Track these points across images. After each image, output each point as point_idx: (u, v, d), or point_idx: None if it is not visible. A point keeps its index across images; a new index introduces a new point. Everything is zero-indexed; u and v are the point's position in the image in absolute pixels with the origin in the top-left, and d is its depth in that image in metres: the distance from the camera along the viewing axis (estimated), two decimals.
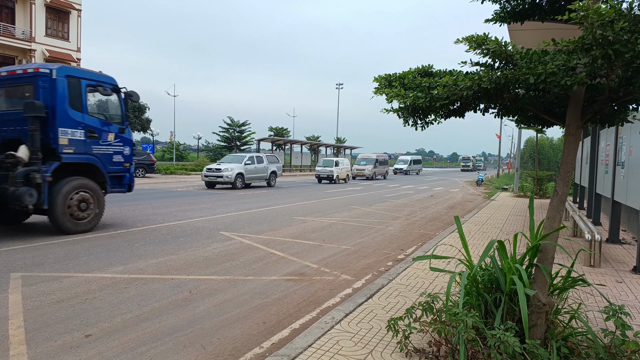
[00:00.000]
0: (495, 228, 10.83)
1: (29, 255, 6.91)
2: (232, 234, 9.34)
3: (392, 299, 5.13)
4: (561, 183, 3.80)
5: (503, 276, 3.74)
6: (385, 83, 4.14)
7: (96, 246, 7.72)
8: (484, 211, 14.86)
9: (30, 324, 4.30)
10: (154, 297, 5.23)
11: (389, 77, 4.20)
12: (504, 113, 4.65)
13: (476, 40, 3.61)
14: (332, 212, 13.90)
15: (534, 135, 32.63)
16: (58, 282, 5.64)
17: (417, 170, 59.57)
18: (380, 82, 4.16)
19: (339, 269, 6.81)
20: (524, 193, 23.15)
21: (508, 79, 3.50)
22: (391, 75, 4.23)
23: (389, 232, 10.50)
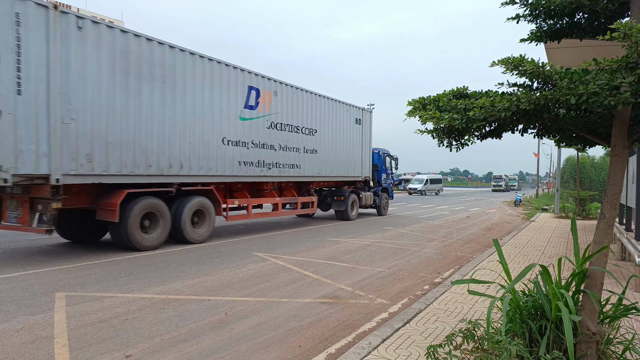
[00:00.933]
0: (536, 251, 10.44)
1: (72, 275, 7.16)
2: (265, 254, 9.40)
3: (430, 324, 5.00)
4: (608, 206, 3.65)
5: (548, 302, 3.59)
6: (419, 106, 4.13)
7: (135, 267, 7.93)
8: (523, 233, 14.38)
9: (74, 343, 4.43)
10: (191, 318, 5.30)
11: (423, 101, 4.19)
12: (544, 133, 4.54)
13: (512, 62, 3.57)
14: (365, 233, 13.78)
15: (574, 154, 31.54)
16: (100, 302, 5.81)
17: (436, 190, 54.03)
18: (414, 105, 4.16)
19: (374, 292, 6.71)
20: (566, 214, 22.27)
21: (548, 100, 3.43)
22: (425, 98, 4.22)
23: (424, 254, 10.29)
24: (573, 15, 4.34)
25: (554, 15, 4.27)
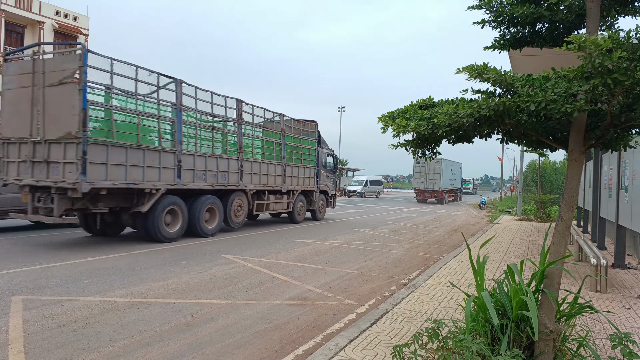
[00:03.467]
0: (499, 252, 10.76)
1: (30, 278, 6.88)
2: (234, 257, 9.30)
3: (397, 324, 5.07)
4: (565, 208, 3.80)
5: (509, 302, 3.70)
6: (389, 120, 4.23)
7: (97, 269, 7.69)
8: (487, 235, 14.78)
9: (31, 349, 4.25)
10: (155, 321, 5.18)
11: (392, 114, 4.30)
12: (508, 139, 4.69)
13: (476, 69, 3.68)
14: (335, 234, 13.84)
15: (536, 158, 32.72)
16: (59, 305, 5.60)
17: (376, 192, 49.30)
18: (384, 120, 4.25)
19: (342, 294, 6.75)
20: (527, 216, 23.05)
21: (507, 107, 3.55)
22: (394, 112, 4.34)
23: (392, 255, 10.43)
24: (534, 24, 4.51)
25: (517, 23, 4.42)
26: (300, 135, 17.17)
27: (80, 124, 8.78)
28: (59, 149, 9.19)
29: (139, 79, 10.07)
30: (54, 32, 31.73)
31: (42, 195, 9.67)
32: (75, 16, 33.23)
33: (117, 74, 9.55)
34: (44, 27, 31.01)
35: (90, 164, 8.96)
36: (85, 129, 8.84)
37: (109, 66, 9.40)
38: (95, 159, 9.10)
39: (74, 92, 8.89)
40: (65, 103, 9.04)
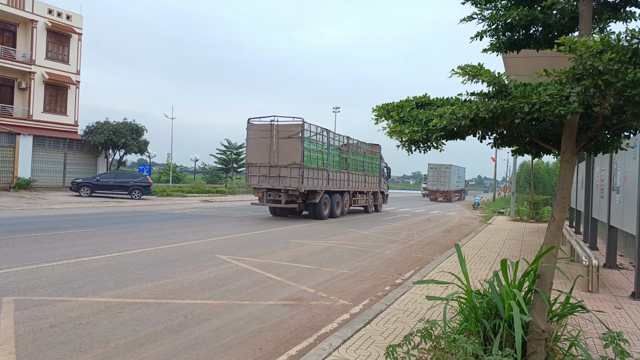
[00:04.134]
0: (492, 252, 10.81)
1: (22, 279, 6.83)
2: (228, 257, 9.28)
3: (390, 324, 5.08)
4: (558, 209, 3.83)
5: (501, 302, 3.72)
6: (384, 112, 4.22)
7: (91, 269, 7.65)
8: (480, 235, 14.86)
9: (22, 350, 4.22)
10: (148, 322, 5.16)
11: (387, 107, 4.28)
12: (501, 143, 4.72)
13: (471, 71, 3.71)
14: (329, 235, 13.85)
15: (529, 160, 32.96)
16: (52, 306, 5.56)
17: None
18: (379, 112, 4.25)
19: (336, 294, 6.76)
20: (520, 217, 23.18)
21: (504, 109, 3.57)
22: (389, 104, 4.32)
23: (386, 256, 10.45)
24: (529, 27, 4.55)
25: (512, 28, 4.45)
26: (372, 155, 25.40)
27: (302, 158, 17.49)
28: (287, 170, 17.76)
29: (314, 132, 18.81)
30: (47, 30, 31.52)
31: (272, 193, 18.24)
32: (68, 15, 33.02)
33: (311, 132, 18.47)
34: (36, 25, 30.78)
35: (304, 178, 17.59)
36: (303, 160, 17.47)
37: (307, 128, 18.04)
38: (306, 175, 17.74)
39: (298, 142, 17.62)
40: (292, 147, 17.66)
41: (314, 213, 19.03)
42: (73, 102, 33.58)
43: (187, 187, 40.38)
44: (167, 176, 53.47)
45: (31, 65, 30.69)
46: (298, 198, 18.25)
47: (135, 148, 33.93)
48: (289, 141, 17.69)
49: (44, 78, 31.22)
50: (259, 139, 18.28)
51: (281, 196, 17.97)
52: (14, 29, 30.65)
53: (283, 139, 17.80)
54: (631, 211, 7.32)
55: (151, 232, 12.89)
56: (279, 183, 17.86)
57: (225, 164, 49.04)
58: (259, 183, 18.30)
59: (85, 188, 26.92)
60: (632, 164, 7.34)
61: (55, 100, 32.61)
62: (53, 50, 32.37)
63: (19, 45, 30.70)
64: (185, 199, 30.41)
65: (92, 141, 31.85)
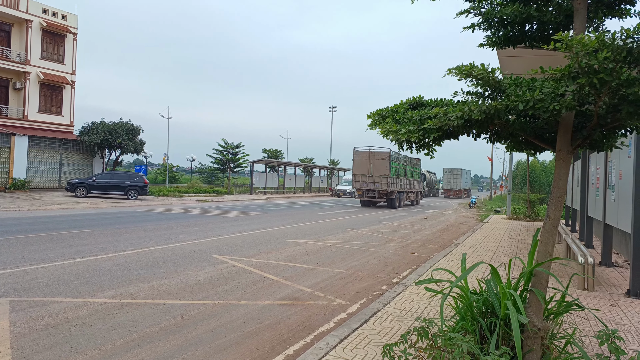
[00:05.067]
0: (489, 251, 10.84)
1: (17, 280, 6.80)
2: (224, 257, 9.27)
3: (387, 323, 5.09)
4: (553, 207, 3.84)
5: (498, 301, 3.73)
6: (379, 118, 4.22)
7: (87, 270, 7.62)
8: (477, 234, 14.90)
9: (18, 352, 4.20)
10: (145, 322, 5.14)
11: (382, 112, 4.29)
12: (496, 139, 4.73)
13: (464, 70, 3.71)
14: (326, 234, 13.86)
15: (526, 158, 33.09)
16: (47, 307, 5.54)
17: None
18: (373, 118, 4.25)
19: (333, 293, 6.76)
20: (517, 215, 23.26)
21: (497, 109, 3.58)
22: (383, 110, 4.33)
23: (383, 255, 10.47)
24: (524, 24, 4.56)
25: (507, 24, 4.46)
26: (416, 166, 36.69)
27: (389, 171, 29.61)
28: (380, 179, 29.70)
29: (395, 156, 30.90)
30: (42, 30, 31.35)
31: (368, 192, 30.10)
32: (63, 14, 32.85)
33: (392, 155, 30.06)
34: (31, 25, 30.61)
35: (391, 183, 29.75)
36: (390, 173, 29.60)
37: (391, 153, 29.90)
38: (392, 182, 29.87)
39: (387, 162, 29.68)
40: (383, 165, 29.71)
41: (390, 204, 30.57)
42: (68, 102, 33.43)
43: (184, 187, 40.27)
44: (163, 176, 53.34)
45: (26, 65, 30.52)
46: (383, 195, 30.24)
47: (132, 148, 33.79)
48: (381, 162, 30.13)
49: (39, 78, 31.06)
50: (361, 159, 30.82)
51: (374, 194, 30.31)
52: (9, 28, 30.47)
53: (377, 160, 30.22)
54: (626, 209, 7.36)
55: (147, 232, 12.85)
56: (374, 187, 30.15)
57: (222, 163, 48.93)
58: (362, 186, 30.82)
59: (81, 188, 26.80)
60: (627, 162, 7.37)
61: (50, 101, 32.45)
62: (48, 50, 32.21)
63: (13, 45, 30.53)
64: (181, 199, 30.34)
65: (88, 141, 31.72)
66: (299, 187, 50.20)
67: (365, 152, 30.57)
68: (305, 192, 50.89)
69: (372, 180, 30.12)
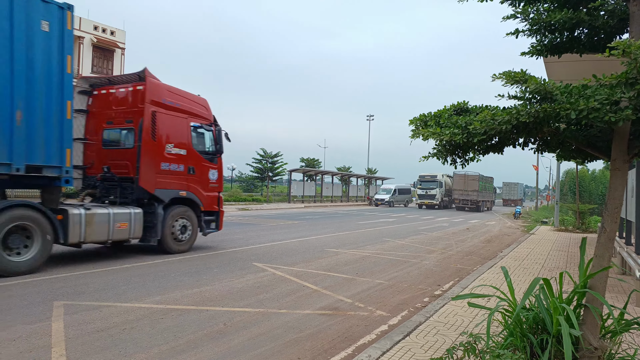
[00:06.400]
0: (536, 264, 10.42)
1: (70, 284, 7.13)
2: (264, 265, 9.37)
3: (431, 337, 4.97)
4: (609, 219, 3.66)
5: (549, 316, 3.57)
6: (421, 124, 4.17)
7: (134, 276, 7.90)
8: (523, 245, 14.36)
9: (72, 353, 4.39)
10: (189, 328, 5.26)
11: (424, 118, 4.23)
12: (544, 147, 4.56)
13: (513, 76, 3.61)
14: (365, 244, 13.76)
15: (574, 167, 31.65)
16: (98, 311, 5.77)
17: (405, 201, 50.45)
18: (415, 124, 4.20)
19: (373, 304, 6.68)
20: (565, 227, 22.26)
21: (547, 113, 3.45)
22: (426, 115, 4.26)
23: (424, 266, 10.27)
24: (573, 30, 4.40)
25: (555, 30, 4.31)
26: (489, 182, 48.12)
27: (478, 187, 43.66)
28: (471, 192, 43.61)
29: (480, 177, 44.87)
30: (92, 46, 33.12)
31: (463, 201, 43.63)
32: (112, 31, 34.61)
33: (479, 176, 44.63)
34: (83, 42, 32.42)
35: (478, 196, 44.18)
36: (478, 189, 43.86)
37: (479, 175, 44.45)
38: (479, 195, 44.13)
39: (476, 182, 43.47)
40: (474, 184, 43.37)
41: (477, 209, 43.32)
42: None
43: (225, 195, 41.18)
44: None
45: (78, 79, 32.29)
46: (474, 203, 43.06)
47: None
48: (472, 181, 42.99)
49: None
50: (458, 179, 43.24)
51: (467, 202, 43.24)
52: None
53: (470, 180, 42.91)
54: None
55: None
56: (468, 197, 43.31)
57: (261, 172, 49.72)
58: (459, 196, 43.56)
59: None
60: None
61: None
62: (98, 65, 33.98)
63: None
64: None
65: None
66: (336, 195, 50.21)
67: (462, 175, 42.68)
68: (342, 200, 50.84)
69: (467, 193, 43.27)
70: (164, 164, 9.88)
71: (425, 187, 45.94)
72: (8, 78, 7.31)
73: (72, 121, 8.48)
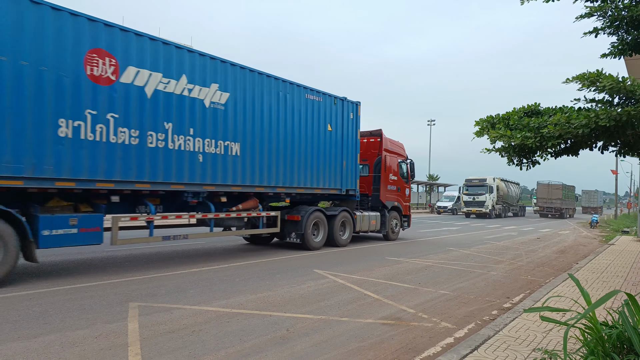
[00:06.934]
0: (618, 277, 9.61)
1: (144, 287, 7.56)
2: (325, 272, 9.40)
3: (501, 352, 4.72)
4: None
5: (637, 335, 3.27)
6: (488, 125, 4.02)
7: (201, 280, 8.23)
8: (601, 257, 13.31)
9: (146, 352, 4.65)
10: (254, 332, 5.39)
11: (492, 120, 4.07)
12: (627, 151, 4.22)
13: (589, 77, 3.38)
14: (427, 253, 13.40)
15: None
16: (169, 313, 6.07)
17: None
18: (481, 125, 4.05)
19: (437, 315, 6.48)
20: None
21: (631, 116, 3.19)
22: (494, 117, 4.10)
23: (491, 277, 9.82)
24: None
25: (638, 25, 3.99)
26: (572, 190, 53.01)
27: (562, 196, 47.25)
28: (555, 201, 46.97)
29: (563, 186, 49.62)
30: None
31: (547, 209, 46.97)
32: None
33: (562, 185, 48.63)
34: None
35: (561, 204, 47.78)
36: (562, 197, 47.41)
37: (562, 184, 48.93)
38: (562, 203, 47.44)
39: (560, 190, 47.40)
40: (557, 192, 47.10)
41: (561, 216, 45.88)
42: None
43: None
44: None
45: None
46: (557, 212, 45.86)
47: None
48: (555, 190, 46.17)
49: None
50: (542, 188, 46.86)
51: (552, 210, 46.18)
52: None
53: (553, 189, 46.28)
54: None
55: (249, 245, 13.54)
56: (551, 205, 46.26)
57: None
58: (543, 204, 46.61)
59: None
60: None
61: None
62: None
63: None
64: None
65: None
66: None
67: (545, 184, 46.39)
68: None
69: (550, 202, 46.03)
70: (389, 186, 16.00)
71: (472, 192, 39.89)
72: (340, 146, 13.73)
73: (358, 165, 14.79)
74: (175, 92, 9.24)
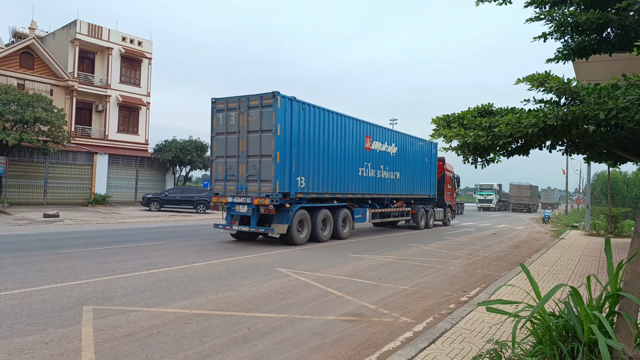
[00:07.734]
0: (566, 269, 10.13)
1: (99, 289, 7.31)
2: (288, 270, 9.40)
3: (457, 344, 4.88)
4: None
5: (580, 324, 3.46)
6: (444, 124, 4.13)
7: (160, 281, 8.04)
8: (552, 251, 13.98)
9: (101, 357, 4.50)
10: (214, 333, 5.32)
11: (448, 118, 4.18)
12: (573, 150, 4.45)
13: (538, 78, 3.54)
14: (389, 249, 13.64)
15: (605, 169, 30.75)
16: (125, 315, 5.90)
17: None
18: (438, 124, 4.16)
19: (398, 311, 6.61)
20: (597, 231, 21.57)
21: (576, 115, 3.37)
22: (449, 115, 4.21)
23: (449, 272, 10.11)
24: (601, 30, 4.28)
25: (582, 31, 4.21)
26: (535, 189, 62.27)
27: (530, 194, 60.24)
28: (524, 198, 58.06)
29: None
30: (121, 56, 34.05)
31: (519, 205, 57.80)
32: (140, 41, 35.49)
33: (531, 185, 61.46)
34: (112, 52, 33.36)
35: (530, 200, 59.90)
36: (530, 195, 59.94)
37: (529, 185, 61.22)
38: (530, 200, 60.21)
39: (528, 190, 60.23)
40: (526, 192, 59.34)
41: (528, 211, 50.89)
42: (144, 122, 35.87)
43: None
44: None
45: (107, 89, 33.24)
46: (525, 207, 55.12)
47: (200, 164, 35.50)
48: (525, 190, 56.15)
49: (118, 100, 33.67)
50: (514, 188, 57.22)
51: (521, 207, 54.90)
52: (93, 56, 33.43)
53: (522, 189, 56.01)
54: None
55: (216, 245, 13.36)
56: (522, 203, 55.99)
57: None
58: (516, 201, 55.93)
59: (155, 203, 28.51)
60: None
61: (128, 121, 35.02)
62: (126, 75, 34.87)
63: (96, 71, 33.43)
64: None
65: (161, 158, 33.80)
66: None
67: (516, 185, 55.35)
68: None
69: (520, 199, 55.52)
70: (447, 193, 24.64)
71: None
72: (428, 169, 22.61)
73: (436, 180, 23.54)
74: (381, 150, 18.26)
